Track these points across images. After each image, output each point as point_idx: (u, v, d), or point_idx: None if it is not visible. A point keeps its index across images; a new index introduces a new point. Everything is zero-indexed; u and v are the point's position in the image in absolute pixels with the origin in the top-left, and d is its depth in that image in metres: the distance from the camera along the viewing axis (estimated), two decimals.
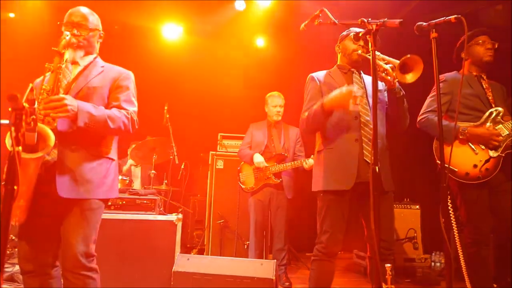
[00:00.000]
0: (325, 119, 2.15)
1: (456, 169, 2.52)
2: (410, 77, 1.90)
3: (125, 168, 4.89)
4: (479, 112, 2.60)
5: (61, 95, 1.73)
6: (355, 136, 2.16)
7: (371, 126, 2.12)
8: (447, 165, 2.49)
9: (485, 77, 2.72)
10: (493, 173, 2.47)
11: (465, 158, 2.52)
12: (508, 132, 2.52)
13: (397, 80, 2.02)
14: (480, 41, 2.69)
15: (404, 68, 1.90)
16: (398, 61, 1.91)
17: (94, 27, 2.03)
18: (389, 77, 2.02)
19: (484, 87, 2.67)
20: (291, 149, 3.84)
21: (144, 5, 4.87)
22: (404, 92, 2.18)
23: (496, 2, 3.75)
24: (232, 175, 4.19)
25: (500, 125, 2.54)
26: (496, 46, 2.69)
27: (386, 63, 2.01)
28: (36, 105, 1.66)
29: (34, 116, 1.21)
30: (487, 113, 2.59)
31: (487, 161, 2.49)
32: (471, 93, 2.64)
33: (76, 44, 1.94)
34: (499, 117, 2.56)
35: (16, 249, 3.50)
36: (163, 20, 5.25)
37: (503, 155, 2.48)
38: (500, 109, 2.58)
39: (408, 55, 1.85)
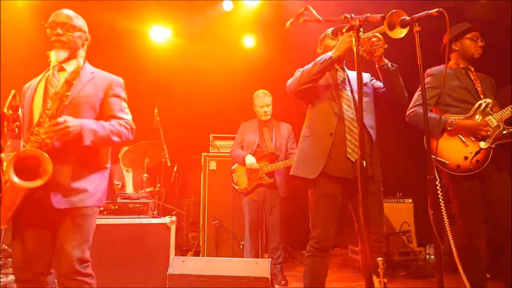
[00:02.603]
0: (327, 68, 2.16)
1: (447, 162, 2.54)
2: (399, 31, 1.83)
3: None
4: (468, 104, 2.62)
5: (63, 119, 1.71)
6: (331, 130, 2.20)
7: (355, 124, 2.16)
8: (437, 158, 2.55)
9: (472, 69, 2.74)
10: (483, 164, 2.48)
11: (456, 150, 2.54)
12: (497, 123, 2.54)
13: (386, 46, 2.03)
14: (475, 38, 2.71)
15: (391, 27, 1.88)
16: (382, 27, 1.90)
17: (79, 28, 2.01)
18: (377, 46, 2.02)
19: (472, 79, 2.69)
20: (283, 146, 3.84)
21: (132, 8, 4.85)
22: (396, 66, 2.20)
23: None
24: (225, 175, 4.19)
25: (489, 117, 2.56)
26: (483, 44, 2.73)
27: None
28: (33, 127, 1.67)
29: (18, 123, 1.19)
30: (476, 105, 2.60)
31: (477, 152, 2.50)
32: (459, 86, 2.66)
33: (59, 43, 1.92)
34: (488, 109, 2.58)
35: (9, 259, 3.49)
36: (151, 23, 5.23)
37: (493, 146, 2.50)
38: (489, 100, 2.60)
39: (391, 11, 1.84)
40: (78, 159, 1.85)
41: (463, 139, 2.56)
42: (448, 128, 2.57)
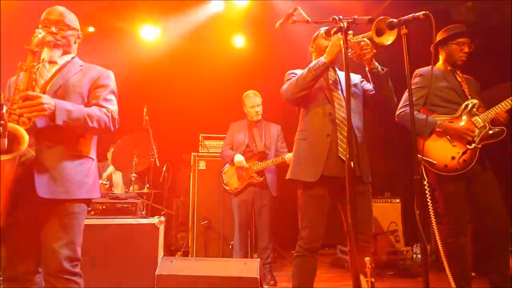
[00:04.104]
0: (322, 74, 2.18)
1: (435, 162, 2.58)
2: (386, 38, 1.87)
3: (105, 174, 4.81)
4: (455, 105, 2.67)
5: (37, 94, 1.69)
6: (327, 131, 2.21)
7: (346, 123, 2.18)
8: (425, 158, 2.59)
9: (458, 72, 2.80)
10: (470, 164, 2.53)
11: (444, 151, 2.58)
12: (483, 124, 2.59)
13: (375, 51, 2.06)
14: (461, 44, 2.74)
15: (379, 33, 1.89)
16: (370, 32, 1.92)
17: (73, 26, 2.01)
18: (366, 50, 2.05)
19: (459, 80, 2.75)
20: (272, 146, 3.85)
21: (122, 7, 4.81)
22: (386, 69, 2.22)
23: None
24: (215, 175, 4.18)
25: (476, 117, 2.62)
26: (471, 49, 2.76)
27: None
28: (8, 105, 1.63)
29: (2, 122, 1.17)
30: (463, 105, 2.66)
31: (464, 152, 2.55)
32: (447, 86, 2.72)
33: (54, 42, 1.90)
34: (474, 109, 2.64)
35: None
36: (141, 22, 5.19)
37: (480, 146, 2.55)
38: (475, 101, 2.65)
39: (378, 18, 1.86)
40: (64, 147, 1.82)
41: (450, 139, 2.61)
42: (437, 130, 2.62)
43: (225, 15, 5.02)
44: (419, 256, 4.39)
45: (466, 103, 2.66)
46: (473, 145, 2.55)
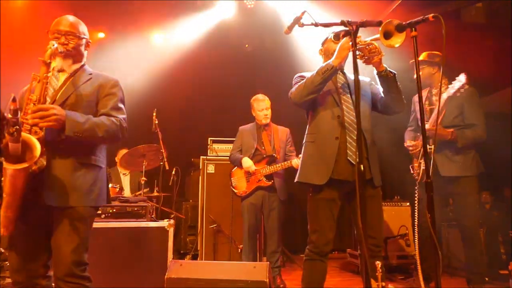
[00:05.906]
0: (330, 77, 2.19)
1: (412, 171, 3.27)
2: (394, 41, 1.86)
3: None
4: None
5: (49, 105, 1.73)
6: (336, 134, 2.20)
7: (355, 126, 2.17)
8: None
9: (434, 92, 3.16)
10: (419, 175, 3.13)
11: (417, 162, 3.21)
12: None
13: (383, 54, 2.07)
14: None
15: (387, 36, 1.88)
16: (378, 35, 1.92)
17: (83, 36, 2.04)
18: (374, 53, 2.05)
19: (432, 100, 3.16)
20: (281, 150, 3.85)
21: (131, 13, 4.87)
22: (395, 72, 2.22)
23: (476, 0, 3.82)
24: (224, 179, 4.19)
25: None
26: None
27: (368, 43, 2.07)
28: (21, 115, 1.67)
29: (17, 127, 1.20)
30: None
31: (419, 165, 3.17)
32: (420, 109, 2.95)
33: (65, 53, 1.94)
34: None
35: (6, 263, 3.47)
36: (150, 27, 5.25)
37: (421, 161, 3.10)
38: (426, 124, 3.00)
39: (386, 21, 1.85)
40: (72, 155, 1.84)
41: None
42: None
43: (233, 19, 5.05)
44: None
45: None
46: (420, 159, 3.13)
